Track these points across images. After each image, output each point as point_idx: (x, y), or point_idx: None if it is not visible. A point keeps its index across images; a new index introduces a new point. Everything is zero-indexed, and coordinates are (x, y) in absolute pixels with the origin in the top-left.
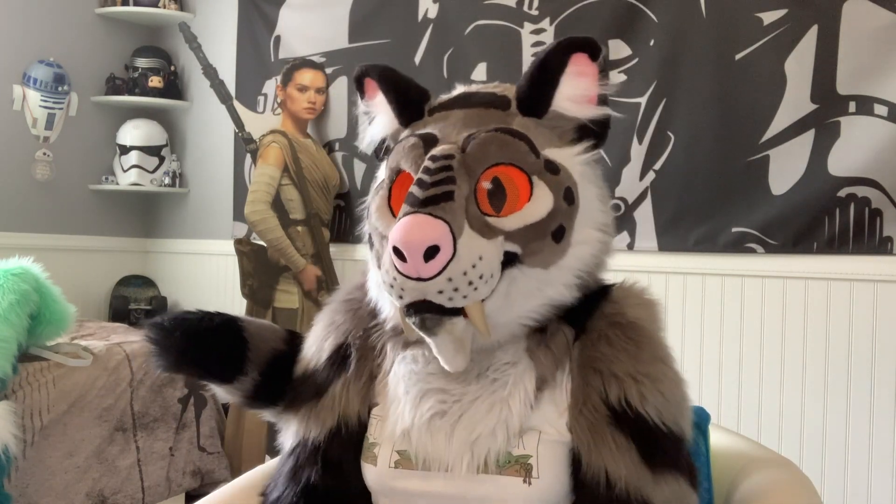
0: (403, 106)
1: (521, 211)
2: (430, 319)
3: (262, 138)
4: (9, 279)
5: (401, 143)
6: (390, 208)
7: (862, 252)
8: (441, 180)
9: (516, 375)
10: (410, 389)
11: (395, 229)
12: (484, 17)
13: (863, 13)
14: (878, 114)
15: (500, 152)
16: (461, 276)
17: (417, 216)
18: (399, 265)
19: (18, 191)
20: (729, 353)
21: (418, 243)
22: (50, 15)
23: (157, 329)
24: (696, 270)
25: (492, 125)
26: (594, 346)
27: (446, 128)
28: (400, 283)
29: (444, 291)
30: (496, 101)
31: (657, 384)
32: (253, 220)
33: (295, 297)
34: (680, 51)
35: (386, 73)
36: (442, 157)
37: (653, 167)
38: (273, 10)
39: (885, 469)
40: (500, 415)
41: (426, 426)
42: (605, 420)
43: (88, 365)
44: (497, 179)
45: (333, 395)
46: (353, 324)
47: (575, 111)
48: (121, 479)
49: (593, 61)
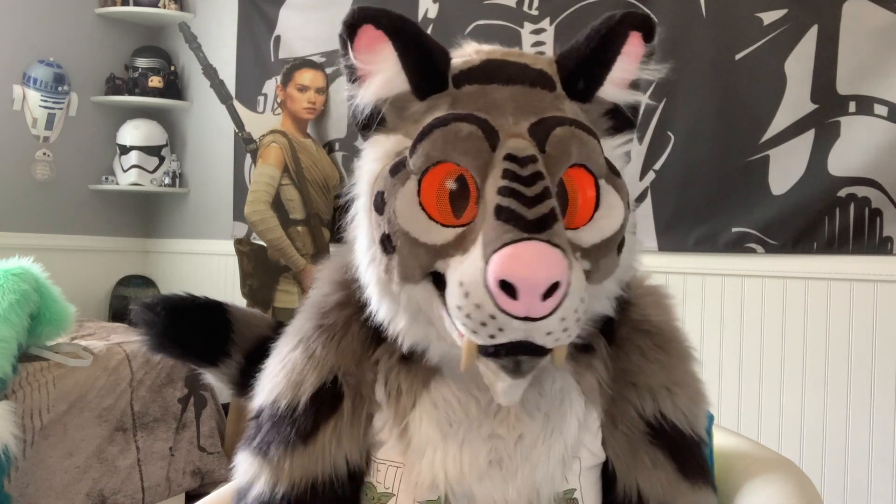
0: (425, 72)
1: (594, 222)
2: (527, 362)
3: (262, 138)
4: (9, 279)
5: (444, 129)
6: (422, 206)
7: (862, 252)
8: (542, 193)
9: (571, 406)
10: (449, 434)
11: (507, 259)
12: (484, 17)
13: (863, 13)
14: (878, 114)
15: (579, 152)
16: (573, 313)
17: (535, 245)
18: (504, 302)
19: (18, 191)
20: (729, 353)
21: (543, 280)
22: (50, 15)
23: (143, 308)
24: (696, 270)
25: (552, 113)
26: (627, 357)
27: (495, 112)
28: (501, 321)
29: (553, 332)
30: (540, 77)
31: (687, 390)
32: (253, 220)
33: (295, 297)
34: (680, 51)
35: (404, 25)
36: (528, 160)
37: (653, 167)
38: (273, 10)
39: (885, 469)
40: (560, 451)
41: (485, 475)
42: (644, 436)
43: (88, 365)
44: (561, 182)
45: (324, 442)
46: (338, 358)
47: (612, 95)
48: (121, 479)
49: (647, 42)
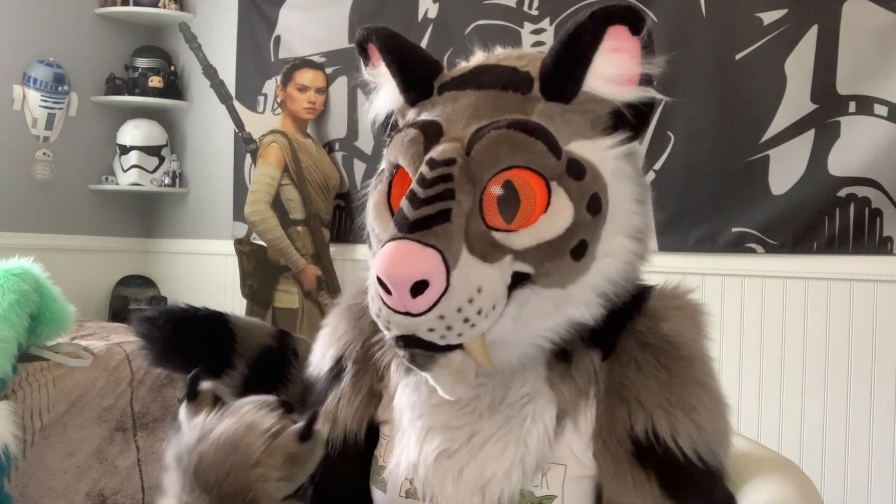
0: (409, 82)
1: (534, 226)
2: (421, 356)
3: (262, 138)
4: (9, 279)
5: (400, 134)
6: (389, 207)
7: (862, 252)
8: (437, 195)
9: (535, 412)
10: (415, 422)
11: (379, 257)
12: (484, 17)
13: (863, 13)
14: (878, 114)
15: (512, 155)
16: (455, 312)
17: (404, 244)
18: (384, 297)
19: (18, 191)
20: (729, 353)
21: (403, 278)
22: (50, 15)
23: (144, 321)
24: (696, 270)
25: (505, 116)
26: (622, 370)
27: (453, 116)
28: (386, 315)
29: (436, 329)
30: (516, 80)
31: (691, 413)
32: (253, 220)
33: (295, 297)
34: (680, 51)
35: (390, 40)
36: (441, 163)
37: (653, 167)
38: (273, 11)
39: (885, 469)
40: (516, 454)
41: (433, 465)
42: (629, 453)
43: (88, 365)
44: (510, 183)
45: (327, 411)
46: (353, 335)
47: (610, 93)
48: (121, 479)
49: (635, 35)
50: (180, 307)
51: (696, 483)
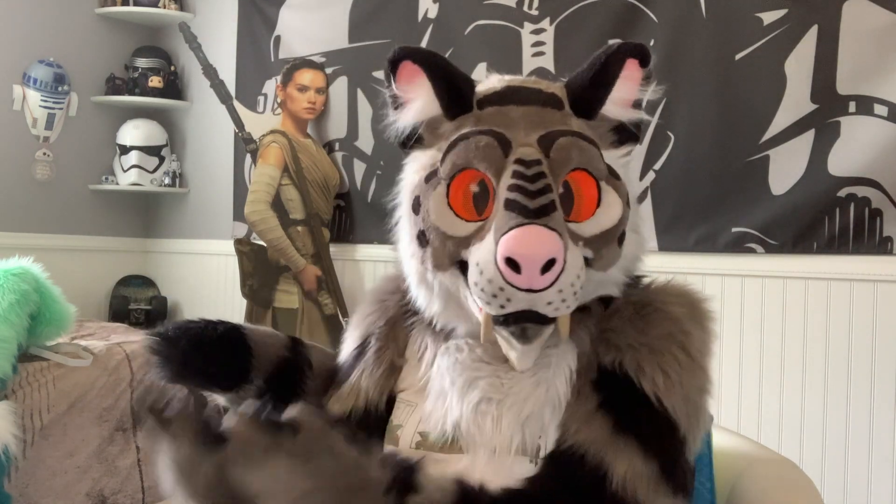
0: (453, 97)
1: (596, 217)
2: (532, 329)
3: (262, 138)
4: (9, 279)
5: (467, 141)
6: (450, 206)
7: (862, 252)
8: (543, 188)
9: (559, 355)
10: (457, 380)
11: (510, 240)
12: (484, 17)
13: (863, 13)
14: (878, 114)
15: (579, 157)
16: (569, 287)
17: (534, 228)
18: (509, 276)
19: (18, 191)
20: (729, 353)
21: (540, 256)
22: (50, 15)
23: (161, 340)
24: (696, 270)
25: (558, 127)
26: (608, 319)
27: (511, 125)
28: (508, 293)
29: (553, 302)
30: (550, 99)
31: (658, 358)
32: (253, 220)
33: (295, 297)
34: (680, 51)
35: (435, 60)
36: (534, 163)
37: (653, 167)
38: (273, 11)
39: (885, 469)
40: (548, 394)
41: (473, 412)
42: (591, 381)
43: (88, 365)
44: (567, 184)
45: (351, 384)
46: (377, 315)
47: (615, 113)
48: (121, 479)
49: (642, 67)
50: (198, 325)
51: (641, 415)
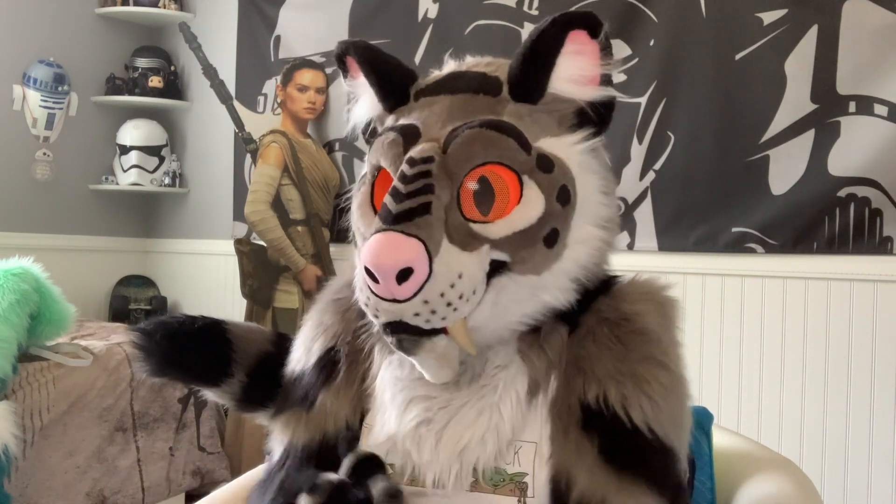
0: (387, 91)
1: (509, 216)
2: (408, 341)
3: (262, 138)
4: (9, 279)
5: (381, 138)
6: (373, 206)
7: (862, 252)
8: (417, 190)
9: (507, 379)
10: (396, 396)
11: (366, 248)
12: (484, 17)
13: (863, 13)
14: (878, 114)
15: (485, 151)
16: (438, 297)
17: (389, 235)
18: (372, 286)
19: (18, 191)
20: (729, 353)
21: (389, 266)
22: (50, 15)
23: (140, 334)
24: (696, 270)
25: (478, 117)
26: (581, 343)
27: (430, 119)
28: (374, 303)
29: (421, 314)
30: (486, 84)
31: (643, 385)
32: (253, 220)
33: (295, 297)
34: (680, 51)
35: (366, 53)
36: (420, 161)
37: (653, 167)
38: (273, 11)
39: (885, 469)
40: (490, 421)
41: (411, 435)
42: (577, 420)
43: (88, 365)
44: (485, 178)
45: (325, 404)
46: (342, 326)
47: (574, 93)
48: (121, 479)
49: (593, 38)
50: (177, 319)
51: (641, 453)
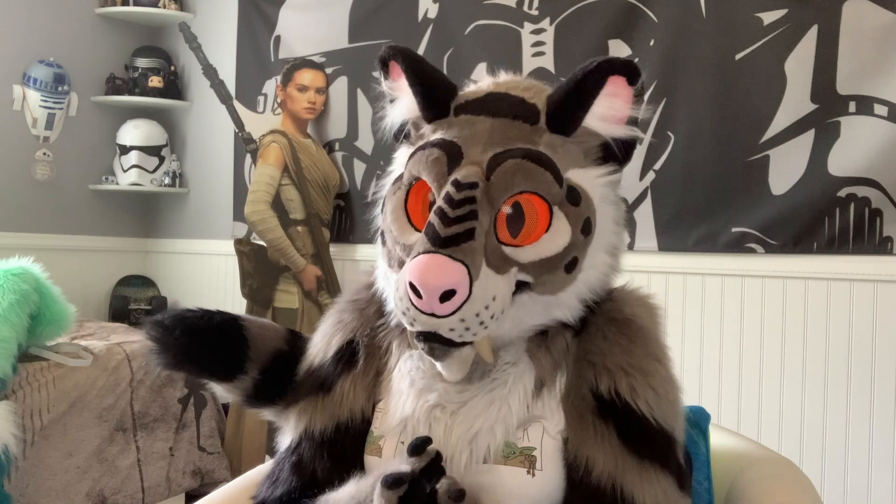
0: (429, 102)
1: (538, 243)
2: (439, 350)
3: (262, 138)
4: (9, 279)
5: (424, 151)
6: (406, 213)
7: (862, 252)
8: (464, 216)
9: (516, 375)
10: (416, 383)
11: (414, 266)
12: (484, 17)
13: (863, 13)
14: (878, 114)
15: (525, 182)
16: (473, 316)
17: (437, 258)
18: (414, 299)
19: (18, 191)
20: (729, 353)
21: (435, 287)
22: (50, 15)
23: (158, 327)
24: (696, 270)
25: (518, 145)
26: (591, 340)
27: (471, 139)
28: (413, 314)
29: (455, 329)
30: (525, 111)
31: (648, 379)
32: (253, 220)
33: (295, 297)
34: (680, 51)
35: (414, 63)
36: (466, 186)
37: (653, 167)
38: (273, 11)
39: (885, 469)
40: (500, 412)
41: (425, 416)
42: (592, 409)
43: (88, 365)
44: (518, 205)
45: (342, 391)
46: (361, 322)
47: (603, 129)
48: (121, 479)
49: (630, 85)
50: (195, 314)
51: (653, 440)
